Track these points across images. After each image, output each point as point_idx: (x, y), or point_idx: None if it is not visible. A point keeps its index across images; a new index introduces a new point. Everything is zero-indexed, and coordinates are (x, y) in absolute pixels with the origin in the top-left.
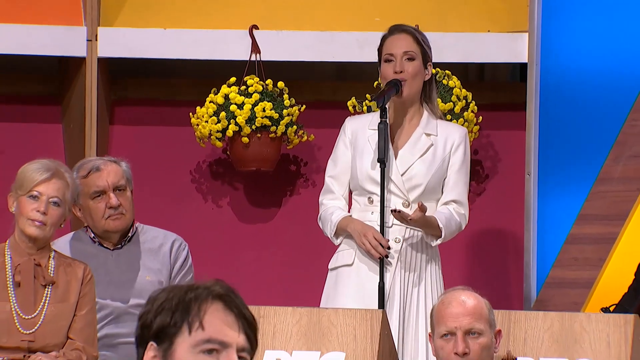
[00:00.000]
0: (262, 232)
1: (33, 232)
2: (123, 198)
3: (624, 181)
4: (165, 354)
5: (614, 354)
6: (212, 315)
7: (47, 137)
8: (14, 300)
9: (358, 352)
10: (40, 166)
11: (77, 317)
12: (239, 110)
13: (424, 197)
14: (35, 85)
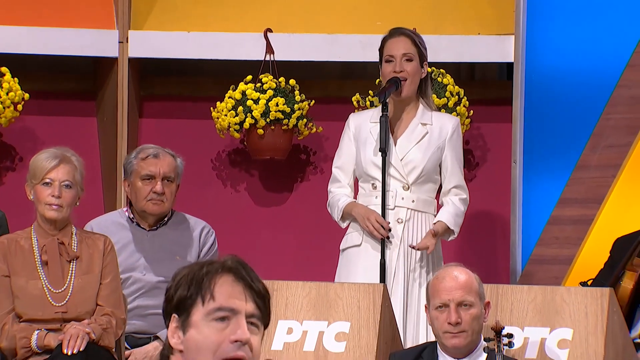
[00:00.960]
0: (276, 215)
1: (52, 215)
2: (168, 188)
3: (600, 168)
4: (184, 324)
5: (591, 323)
6: (222, 286)
7: (83, 129)
8: (44, 277)
9: (362, 321)
10: (48, 155)
11: (103, 285)
12: (254, 105)
13: (422, 180)
14: (73, 82)
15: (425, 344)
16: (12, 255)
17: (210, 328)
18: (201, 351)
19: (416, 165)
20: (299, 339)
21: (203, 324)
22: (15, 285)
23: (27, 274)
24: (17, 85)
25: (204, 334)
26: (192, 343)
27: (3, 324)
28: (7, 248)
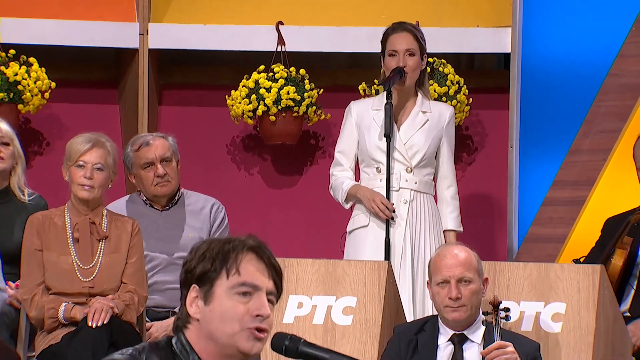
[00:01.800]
0: (287, 196)
1: (84, 195)
2: (169, 168)
3: (592, 153)
4: (206, 294)
5: (583, 298)
6: (246, 263)
7: (106, 116)
8: (74, 253)
9: (367, 296)
10: (83, 139)
11: (128, 264)
12: (267, 93)
13: (424, 163)
14: (96, 72)
15: (427, 318)
16: (45, 231)
17: (234, 301)
18: (226, 321)
19: (419, 149)
20: (309, 313)
21: (226, 297)
22: (47, 259)
23: (58, 250)
24: (45, 75)
25: (228, 305)
26: (215, 313)
27: (33, 295)
28: (41, 224)
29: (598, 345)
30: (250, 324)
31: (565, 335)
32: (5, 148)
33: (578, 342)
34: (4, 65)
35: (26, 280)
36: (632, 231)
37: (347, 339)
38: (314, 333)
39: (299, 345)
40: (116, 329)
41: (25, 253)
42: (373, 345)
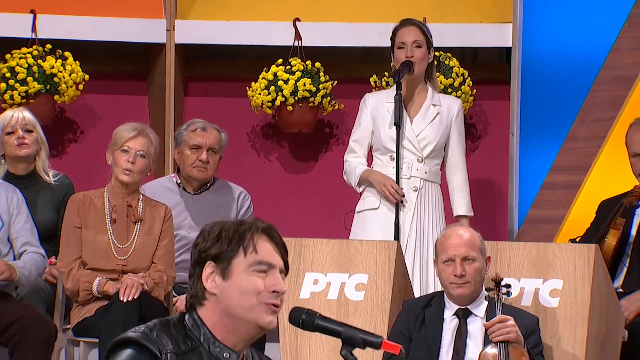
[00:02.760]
0: (303, 181)
1: (125, 179)
2: (212, 158)
3: (587, 140)
4: (224, 272)
5: (579, 275)
6: (262, 243)
7: (136, 106)
8: (111, 233)
9: (378, 274)
10: (129, 127)
11: (160, 246)
12: (285, 85)
13: (434, 154)
14: (127, 65)
15: (433, 293)
16: (85, 211)
17: (252, 277)
18: (244, 295)
19: (430, 141)
20: (324, 289)
21: (245, 273)
22: (85, 236)
23: (96, 228)
24: (79, 68)
25: (247, 281)
26: (234, 288)
27: (70, 268)
28: (81, 203)
29: (593, 318)
30: (267, 300)
31: (562, 309)
32: (29, 135)
33: (574, 316)
34: (41, 58)
35: (64, 254)
36: (625, 213)
37: (359, 313)
38: (329, 308)
39: (314, 319)
40: (145, 304)
41: (64, 229)
42: (383, 319)
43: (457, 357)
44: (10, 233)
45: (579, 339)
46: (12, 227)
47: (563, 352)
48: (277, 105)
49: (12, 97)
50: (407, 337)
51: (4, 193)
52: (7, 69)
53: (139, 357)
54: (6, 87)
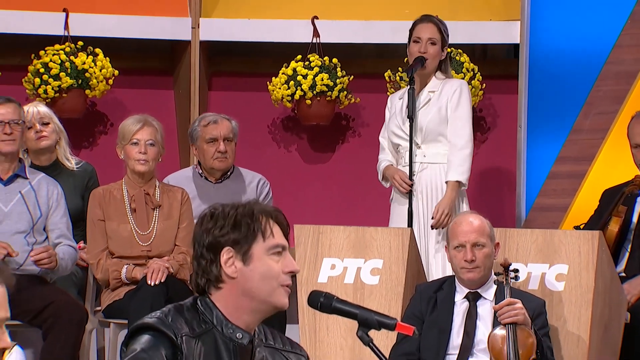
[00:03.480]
0: (321, 170)
1: (140, 169)
2: (229, 147)
3: (591, 132)
4: (244, 257)
5: (583, 260)
6: (275, 227)
7: (162, 100)
8: (132, 222)
9: (392, 259)
10: (133, 120)
11: (180, 229)
12: (303, 80)
13: (428, 139)
14: (154, 61)
15: (445, 278)
16: (106, 203)
17: (272, 260)
18: (266, 279)
19: (422, 126)
20: (341, 274)
21: (265, 257)
22: (109, 228)
23: (118, 219)
24: (109, 64)
25: (268, 265)
26: (255, 272)
27: (98, 259)
28: (102, 197)
29: (597, 302)
30: (284, 281)
31: (568, 293)
32: (46, 127)
33: (579, 299)
34: (73, 55)
35: (92, 247)
36: (627, 201)
37: (374, 296)
38: (345, 291)
39: (332, 302)
40: (171, 286)
41: (89, 223)
42: (397, 302)
43: (468, 339)
44: (47, 224)
45: (584, 321)
46: (49, 219)
47: (568, 334)
48: (296, 99)
49: (46, 91)
50: (419, 319)
51: (45, 186)
52: (41, 65)
53: (156, 341)
54: (40, 82)
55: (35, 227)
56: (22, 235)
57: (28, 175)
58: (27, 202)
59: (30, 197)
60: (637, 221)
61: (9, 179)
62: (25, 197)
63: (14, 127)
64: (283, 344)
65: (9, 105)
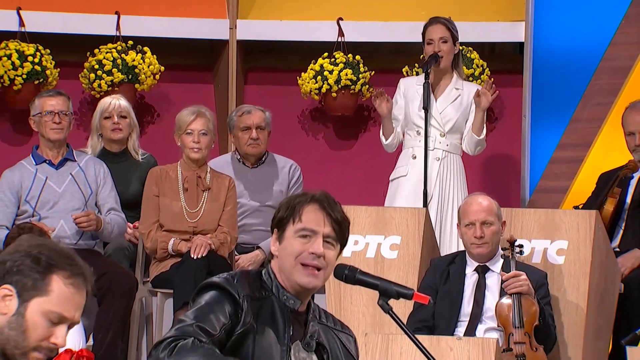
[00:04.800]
0: (345, 156)
1: (195, 156)
2: (262, 134)
3: (589, 121)
4: (280, 236)
5: (581, 236)
6: (308, 212)
7: (203, 93)
8: (183, 200)
9: (409, 235)
10: (188, 112)
11: (224, 211)
12: (329, 75)
13: (454, 129)
14: (195, 58)
15: (457, 252)
16: (162, 181)
17: (296, 241)
18: (289, 257)
19: (450, 118)
20: (363, 249)
21: (292, 238)
22: (162, 203)
23: (171, 196)
24: (155, 61)
25: (292, 245)
26: (283, 250)
27: (149, 230)
28: (158, 175)
29: (594, 274)
30: (304, 260)
31: (567, 266)
32: (123, 120)
33: (577, 272)
34: (124, 53)
35: (145, 219)
36: (621, 183)
37: (393, 269)
38: (367, 265)
39: (355, 274)
40: (212, 260)
41: (145, 197)
42: (414, 274)
43: (477, 307)
44: (97, 200)
45: (582, 291)
46: (99, 195)
47: (568, 303)
48: (323, 92)
49: (100, 85)
50: (434, 289)
51: (92, 166)
52: (96, 62)
53: (221, 297)
54: (95, 77)
55: (87, 203)
56: (77, 212)
57: (76, 158)
58: (77, 182)
59: (80, 177)
60: (630, 201)
61: (60, 162)
62: (76, 177)
63: (63, 117)
64: (334, 324)
65: (59, 98)
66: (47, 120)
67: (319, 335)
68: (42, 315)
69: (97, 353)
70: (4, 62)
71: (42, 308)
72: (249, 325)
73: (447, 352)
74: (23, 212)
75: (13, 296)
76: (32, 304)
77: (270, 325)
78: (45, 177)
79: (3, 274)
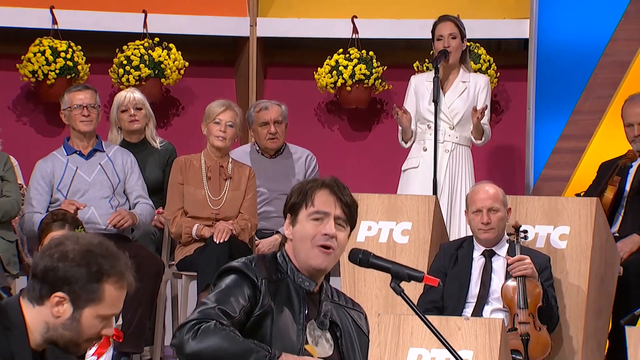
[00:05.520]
0: (359, 146)
1: (219, 144)
2: (279, 128)
3: (590, 113)
4: (294, 220)
5: (582, 222)
6: (319, 196)
7: (225, 87)
8: (207, 188)
9: (420, 221)
10: (219, 103)
11: (245, 199)
12: (344, 70)
13: (463, 122)
14: (218, 54)
15: (465, 237)
16: (186, 170)
17: (310, 224)
18: (303, 239)
19: (458, 111)
20: (376, 234)
21: (305, 221)
22: (186, 191)
23: (195, 184)
24: (180, 56)
25: (305, 227)
26: (297, 234)
27: (174, 216)
28: (183, 164)
29: (594, 258)
30: (318, 242)
31: (569, 250)
32: (139, 112)
33: (579, 256)
34: (150, 49)
35: (170, 205)
36: (620, 172)
37: (404, 253)
38: (380, 249)
39: (369, 258)
40: (234, 245)
41: (170, 185)
42: (424, 258)
43: (484, 289)
44: (125, 188)
45: (583, 274)
46: (127, 183)
47: (570, 285)
48: (338, 86)
49: (128, 80)
50: (443, 272)
51: (120, 156)
52: (124, 58)
53: (240, 281)
54: (123, 72)
55: (115, 192)
56: (107, 200)
57: (105, 148)
58: (106, 171)
59: (109, 166)
60: (629, 189)
61: (89, 153)
62: (104, 167)
63: (91, 110)
64: (346, 302)
65: (87, 92)
66: (76, 114)
67: (331, 313)
68: (96, 318)
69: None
70: (38, 58)
71: (97, 313)
72: (267, 307)
73: (456, 331)
74: (55, 200)
75: (66, 302)
76: (86, 311)
77: (287, 306)
78: (75, 167)
79: (55, 280)
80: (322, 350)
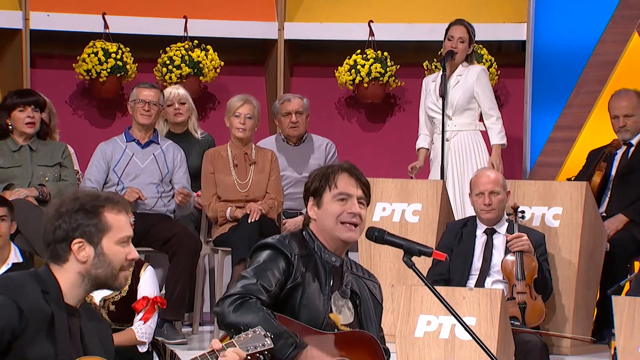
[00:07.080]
0: (375, 137)
1: (240, 135)
2: (300, 118)
3: (581, 107)
4: (319, 203)
5: (574, 202)
6: (341, 179)
7: (256, 84)
8: (234, 174)
9: (429, 203)
10: (237, 98)
11: (270, 180)
12: (361, 69)
13: (457, 111)
14: (249, 55)
15: (469, 217)
16: (215, 160)
17: (335, 204)
18: (329, 218)
19: (454, 102)
20: (390, 214)
21: (330, 203)
22: (217, 178)
23: (224, 172)
24: (216, 57)
25: (332, 208)
26: (323, 213)
27: (209, 202)
28: (212, 156)
29: (584, 235)
30: (345, 219)
31: (562, 229)
32: (182, 106)
33: (571, 233)
34: (190, 50)
35: (205, 193)
36: (607, 158)
37: (415, 231)
38: (393, 228)
39: (384, 235)
40: (264, 223)
41: (203, 175)
42: (432, 235)
43: (486, 263)
44: (172, 179)
45: (574, 249)
46: (174, 175)
47: (562, 259)
48: (356, 83)
49: (170, 78)
50: (449, 248)
51: (172, 150)
52: (167, 58)
53: (276, 256)
54: (166, 71)
55: (163, 180)
56: (154, 186)
57: (160, 141)
58: (157, 161)
59: (160, 158)
60: (614, 174)
61: (146, 143)
62: (157, 157)
63: (152, 107)
64: (363, 273)
65: (152, 90)
66: (139, 107)
67: (352, 284)
68: (116, 243)
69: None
70: (91, 59)
71: (114, 239)
72: (299, 280)
73: (461, 300)
74: (109, 180)
75: (85, 244)
76: (104, 243)
77: (315, 279)
78: (132, 153)
79: (66, 234)
80: (344, 317)
